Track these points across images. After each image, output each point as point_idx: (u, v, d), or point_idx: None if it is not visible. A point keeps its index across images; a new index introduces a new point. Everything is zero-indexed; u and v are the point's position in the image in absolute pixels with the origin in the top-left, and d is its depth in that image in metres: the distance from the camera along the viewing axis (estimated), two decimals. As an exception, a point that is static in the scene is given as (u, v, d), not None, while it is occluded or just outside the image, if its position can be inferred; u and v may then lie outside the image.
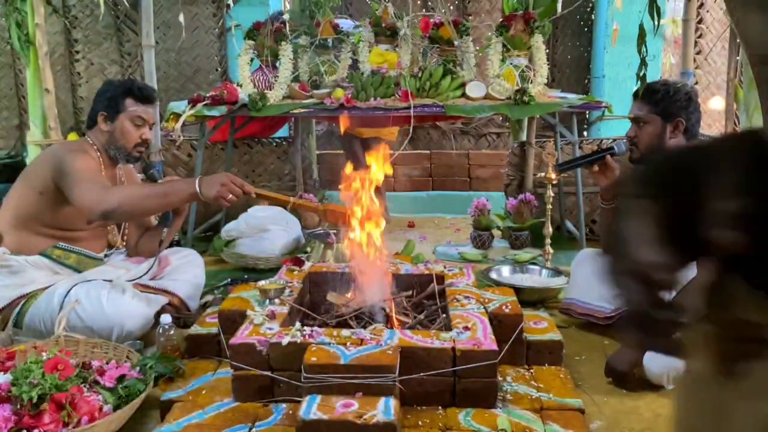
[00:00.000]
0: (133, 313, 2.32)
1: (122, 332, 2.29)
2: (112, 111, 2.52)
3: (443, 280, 2.45)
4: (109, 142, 2.55)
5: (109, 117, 2.52)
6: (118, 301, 2.31)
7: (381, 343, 1.86)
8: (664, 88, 2.34)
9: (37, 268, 2.44)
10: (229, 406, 1.87)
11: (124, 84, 2.58)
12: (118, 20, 5.37)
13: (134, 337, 2.34)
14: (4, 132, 5.38)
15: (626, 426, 1.90)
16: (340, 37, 3.61)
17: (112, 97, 2.52)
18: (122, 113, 2.52)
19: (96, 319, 2.27)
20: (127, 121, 2.53)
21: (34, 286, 2.41)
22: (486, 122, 5.52)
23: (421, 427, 1.75)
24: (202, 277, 2.85)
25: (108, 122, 2.53)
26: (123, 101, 2.53)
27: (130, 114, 2.53)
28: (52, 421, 1.66)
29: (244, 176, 4.25)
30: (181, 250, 2.95)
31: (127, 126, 2.53)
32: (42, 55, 3.20)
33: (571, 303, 2.64)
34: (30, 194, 2.43)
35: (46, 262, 2.46)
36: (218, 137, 4.14)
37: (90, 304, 2.30)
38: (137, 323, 2.32)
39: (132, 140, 2.55)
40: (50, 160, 2.44)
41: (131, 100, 2.54)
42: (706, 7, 5.14)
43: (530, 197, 3.90)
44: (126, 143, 2.54)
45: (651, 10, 2.19)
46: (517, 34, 3.40)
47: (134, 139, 2.55)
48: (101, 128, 2.53)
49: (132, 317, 2.31)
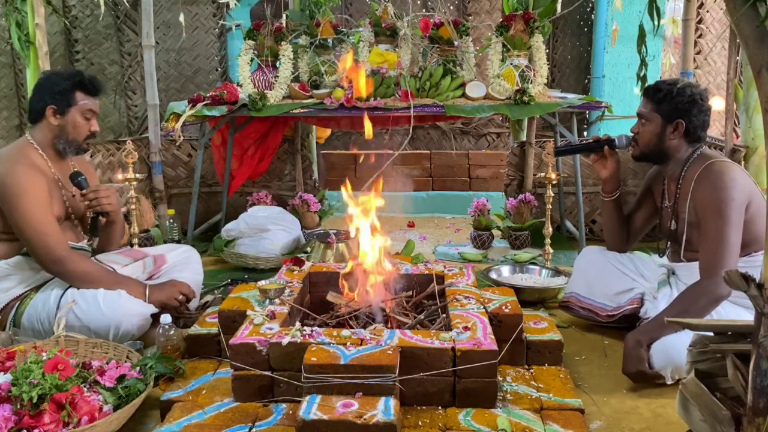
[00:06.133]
0: (129, 312, 2.31)
1: (119, 332, 2.28)
2: (62, 104, 2.43)
3: (443, 280, 2.45)
4: (58, 136, 2.46)
5: (59, 110, 2.43)
6: (115, 301, 2.31)
7: (381, 343, 1.86)
8: (668, 87, 2.33)
9: (20, 269, 2.41)
10: (229, 406, 1.87)
11: (72, 76, 2.47)
12: (118, 20, 5.36)
13: (132, 337, 2.34)
14: (4, 132, 5.37)
15: (626, 426, 1.90)
16: (340, 37, 3.61)
17: (61, 91, 2.43)
18: (73, 107, 2.44)
19: (93, 318, 2.26)
20: (79, 114, 2.45)
21: (24, 287, 2.39)
22: (486, 122, 5.51)
23: (421, 427, 1.75)
24: (200, 273, 2.84)
25: (58, 116, 2.44)
26: (73, 94, 2.44)
27: (82, 107, 2.46)
28: (52, 421, 1.66)
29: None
30: (178, 247, 2.93)
31: (78, 119, 2.46)
32: (42, 55, 3.19)
33: (571, 296, 2.65)
34: None
35: (27, 261, 2.42)
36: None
37: (86, 304, 2.29)
38: (134, 322, 2.31)
39: (83, 133, 2.49)
40: None
41: (81, 93, 2.46)
42: (706, 7, 5.13)
43: (530, 197, 3.91)
44: (77, 136, 2.48)
45: (651, 10, 2.18)
46: (517, 34, 3.40)
47: (85, 132, 2.50)
48: (50, 122, 2.44)
49: (129, 316, 2.30)
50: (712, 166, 2.26)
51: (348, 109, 3.35)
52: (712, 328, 1.45)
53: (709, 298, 2.12)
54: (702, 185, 2.25)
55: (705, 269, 2.17)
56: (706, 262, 2.17)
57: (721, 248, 2.13)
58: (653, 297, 2.44)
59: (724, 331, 1.42)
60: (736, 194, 2.16)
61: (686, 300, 2.16)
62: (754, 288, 1.23)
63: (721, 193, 2.16)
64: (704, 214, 2.21)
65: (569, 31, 5.65)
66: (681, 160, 2.37)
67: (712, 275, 2.12)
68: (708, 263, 2.16)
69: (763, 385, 1.23)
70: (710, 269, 2.13)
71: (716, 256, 2.13)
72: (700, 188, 2.25)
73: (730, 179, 2.19)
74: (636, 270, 2.58)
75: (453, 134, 5.58)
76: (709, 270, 2.14)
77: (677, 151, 2.38)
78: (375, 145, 5.19)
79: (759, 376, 1.23)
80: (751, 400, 1.25)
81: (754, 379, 1.24)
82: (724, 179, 2.19)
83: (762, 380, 1.23)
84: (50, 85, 2.45)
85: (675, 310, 2.14)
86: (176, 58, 5.41)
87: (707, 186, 2.22)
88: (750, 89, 3.48)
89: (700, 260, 2.20)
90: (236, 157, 4.21)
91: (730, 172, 2.21)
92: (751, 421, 1.25)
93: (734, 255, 2.13)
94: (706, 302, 2.12)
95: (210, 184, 4.38)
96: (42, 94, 2.46)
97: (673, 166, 2.40)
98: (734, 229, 2.14)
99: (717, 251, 2.13)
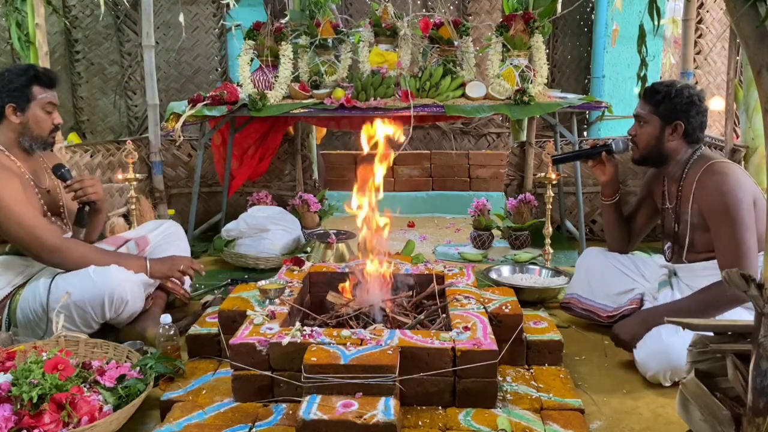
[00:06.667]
0: (121, 279, 2.29)
1: (113, 300, 2.26)
2: (21, 101, 2.40)
3: (443, 280, 2.45)
4: (22, 133, 2.43)
5: (19, 108, 2.40)
6: (106, 271, 2.28)
7: (381, 343, 1.86)
8: (666, 89, 2.33)
9: (9, 267, 2.40)
10: (229, 406, 1.87)
11: (26, 71, 2.42)
12: (118, 20, 5.36)
13: (129, 308, 2.32)
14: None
15: (626, 426, 1.90)
16: (340, 37, 3.61)
17: (18, 88, 2.39)
18: (33, 102, 2.41)
19: (86, 291, 2.24)
20: (39, 109, 2.42)
21: (11, 286, 2.38)
22: (486, 122, 5.52)
23: (421, 427, 1.75)
24: (187, 250, 2.81)
25: (18, 113, 2.40)
26: (30, 89, 2.40)
27: (41, 101, 2.42)
28: (52, 421, 1.66)
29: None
30: (160, 224, 2.89)
31: (40, 114, 2.43)
32: (42, 55, 3.19)
33: (572, 297, 2.65)
34: None
35: (16, 259, 2.41)
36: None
37: (78, 280, 2.27)
38: (127, 288, 2.29)
39: (47, 127, 2.47)
40: None
41: (38, 87, 2.42)
42: (706, 7, 5.14)
43: (530, 197, 3.91)
44: (41, 131, 2.45)
45: (651, 10, 2.19)
46: (517, 34, 3.40)
47: (49, 126, 2.47)
48: (11, 120, 2.40)
49: (121, 282, 2.28)
50: (714, 167, 2.25)
51: (348, 109, 3.35)
52: (712, 328, 1.46)
53: (729, 299, 2.12)
54: (706, 188, 2.24)
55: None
56: (725, 265, 2.15)
57: (738, 250, 2.13)
58: (653, 297, 2.44)
59: (724, 331, 1.42)
60: (743, 195, 2.16)
61: (704, 298, 2.17)
62: (754, 288, 1.23)
63: (728, 196, 2.16)
64: (715, 220, 2.20)
65: (569, 31, 5.65)
66: (681, 162, 2.37)
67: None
68: (728, 267, 2.15)
69: (763, 385, 1.23)
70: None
71: (736, 258, 2.12)
72: (705, 191, 2.24)
73: (734, 180, 2.18)
74: (637, 270, 2.58)
75: (453, 134, 5.59)
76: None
77: (677, 153, 2.37)
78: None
79: (759, 376, 1.23)
80: (751, 400, 1.25)
81: (754, 379, 1.24)
82: (728, 181, 2.19)
83: (762, 380, 1.23)
84: (5, 83, 2.41)
85: (692, 306, 2.16)
86: (176, 58, 5.42)
87: (712, 190, 2.21)
88: (750, 89, 3.48)
89: (720, 265, 2.19)
90: (236, 157, 4.21)
91: (732, 173, 2.21)
92: (751, 421, 1.25)
93: (753, 255, 2.13)
94: (725, 303, 2.13)
95: (210, 184, 4.38)
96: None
97: (674, 168, 2.40)
98: (748, 230, 2.14)
99: (736, 254, 2.13)
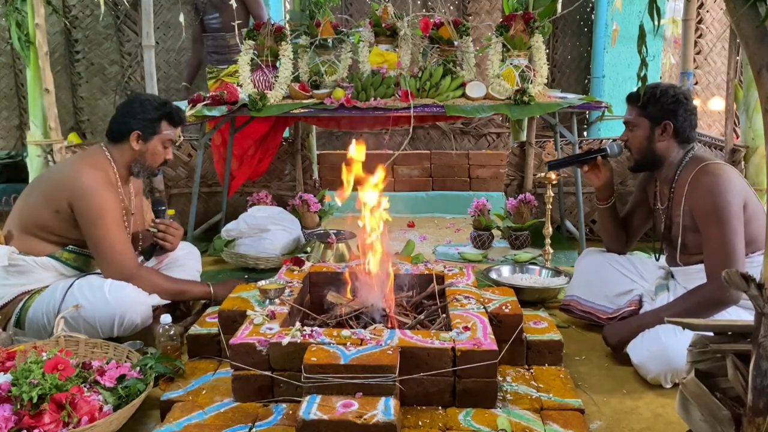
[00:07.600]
0: (135, 301, 2.33)
1: (123, 321, 2.29)
2: (147, 132, 2.53)
3: (443, 280, 2.46)
4: (135, 160, 2.56)
5: (143, 137, 2.53)
6: (121, 291, 2.32)
7: (381, 343, 1.86)
8: (651, 90, 2.33)
9: (45, 269, 2.44)
10: (229, 406, 1.87)
11: (162, 106, 2.57)
12: (118, 20, 5.36)
13: (135, 329, 2.34)
14: (4, 132, 5.38)
15: (626, 426, 1.90)
16: (340, 37, 3.61)
17: (150, 119, 2.53)
18: (157, 135, 2.55)
19: (98, 308, 2.27)
20: (160, 143, 2.57)
21: (39, 285, 2.41)
22: (486, 122, 5.52)
23: (421, 427, 1.75)
24: (199, 271, 2.90)
25: (141, 141, 2.53)
26: (159, 124, 2.55)
27: (164, 137, 2.57)
28: (52, 421, 1.66)
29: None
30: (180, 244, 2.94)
31: (159, 148, 2.57)
32: (42, 55, 3.18)
33: (572, 299, 2.65)
34: (45, 210, 2.41)
35: (54, 263, 2.46)
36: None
37: (92, 294, 2.30)
38: (139, 311, 2.33)
39: (159, 161, 2.60)
40: (69, 185, 2.38)
41: (167, 123, 2.57)
42: (706, 7, 5.13)
43: (530, 197, 3.91)
44: (153, 163, 2.59)
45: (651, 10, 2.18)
46: (517, 34, 3.39)
47: (161, 160, 2.61)
48: (132, 146, 2.52)
49: (134, 305, 2.32)
50: (706, 168, 2.24)
51: (348, 109, 3.35)
52: (712, 328, 1.46)
53: (713, 302, 2.12)
54: (697, 190, 2.23)
55: (711, 275, 2.16)
56: (711, 268, 2.16)
57: (725, 253, 2.12)
58: (651, 299, 2.44)
59: (724, 331, 1.42)
60: (732, 197, 2.15)
61: (689, 301, 2.17)
62: (754, 288, 1.23)
63: (718, 198, 2.15)
64: (704, 221, 2.20)
65: (569, 31, 5.65)
66: (674, 163, 2.36)
67: (716, 280, 2.12)
68: (714, 269, 2.15)
69: (763, 385, 1.23)
70: (716, 275, 2.13)
71: (722, 261, 2.11)
72: (696, 193, 2.23)
73: (725, 182, 2.17)
74: (635, 271, 2.57)
75: (453, 134, 5.59)
76: (714, 275, 2.14)
77: (669, 154, 2.37)
78: (375, 145, 5.19)
79: (759, 376, 1.23)
80: (751, 400, 1.25)
81: (754, 379, 1.24)
82: (719, 183, 2.18)
83: (762, 380, 1.23)
84: (139, 111, 2.53)
85: (677, 310, 2.15)
86: (176, 58, 5.41)
87: (703, 191, 2.20)
88: (750, 89, 3.47)
89: (706, 267, 2.19)
90: (236, 157, 4.21)
91: (724, 175, 2.20)
92: (751, 421, 1.25)
93: (740, 258, 2.13)
94: (709, 305, 2.13)
95: (210, 184, 4.37)
96: (129, 117, 2.53)
97: (666, 169, 2.39)
98: (736, 233, 2.13)
99: (722, 257, 2.13)
